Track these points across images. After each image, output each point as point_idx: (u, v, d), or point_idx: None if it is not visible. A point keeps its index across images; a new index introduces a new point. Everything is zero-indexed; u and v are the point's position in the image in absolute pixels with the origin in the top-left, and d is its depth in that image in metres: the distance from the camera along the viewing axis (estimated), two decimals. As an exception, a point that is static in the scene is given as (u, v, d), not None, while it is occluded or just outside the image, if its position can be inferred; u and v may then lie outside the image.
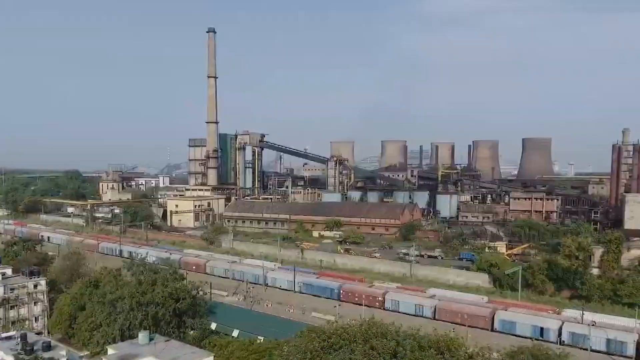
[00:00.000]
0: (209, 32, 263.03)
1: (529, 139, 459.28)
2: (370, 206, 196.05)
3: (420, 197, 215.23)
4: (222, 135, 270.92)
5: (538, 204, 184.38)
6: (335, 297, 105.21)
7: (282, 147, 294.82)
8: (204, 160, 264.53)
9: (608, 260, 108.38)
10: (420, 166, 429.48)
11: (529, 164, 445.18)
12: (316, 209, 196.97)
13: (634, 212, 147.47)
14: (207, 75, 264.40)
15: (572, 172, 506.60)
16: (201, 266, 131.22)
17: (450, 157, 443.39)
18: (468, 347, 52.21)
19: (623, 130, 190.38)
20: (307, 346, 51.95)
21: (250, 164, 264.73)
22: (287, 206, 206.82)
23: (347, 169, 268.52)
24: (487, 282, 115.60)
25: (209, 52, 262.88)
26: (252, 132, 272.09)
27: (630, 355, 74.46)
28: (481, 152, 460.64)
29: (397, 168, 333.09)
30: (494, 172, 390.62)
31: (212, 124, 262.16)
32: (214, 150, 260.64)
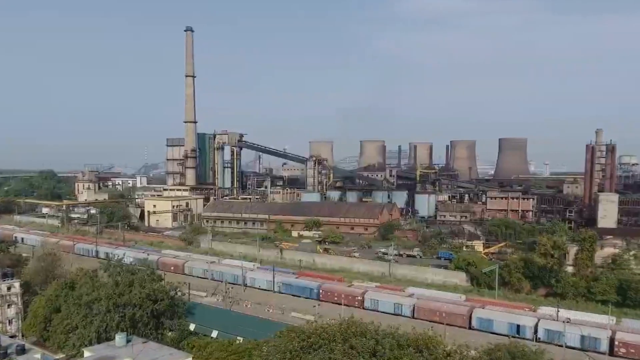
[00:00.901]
0: (187, 31, 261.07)
1: (505, 139, 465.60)
2: (349, 206, 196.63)
3: (399, 197, 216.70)
4: (200, 134, 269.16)
5: (514, 203, 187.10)
6: (315, 296, 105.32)
7: (261, 147, 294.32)
8: (182, 160, 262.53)
9: (582, 258, 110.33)
10: (399, 166, 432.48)
11: (506, 164, 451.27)
12: (295, 209, 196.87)
13: (607, 211, 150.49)
14: (185, 75, 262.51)
15: (547, 171, 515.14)
16: (179, 267, 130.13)
17: (428, 157, 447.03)
18: (446, 345, 52.74)
19: (596, 130, 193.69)
20: (286, 346, 51.90)
21: (229, 164, 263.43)
22: (266, 206, 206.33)
23: (326, 169, 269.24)
24: (465, 280, 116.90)
25: (186, 51, 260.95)
26: (230, 132, 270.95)
27: (603, 351, 76.01)
28: (459, 152, 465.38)
29: (375, 168, 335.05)
30: (471, 171, 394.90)
31: (191, 123, 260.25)
32: (192, 149, 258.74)
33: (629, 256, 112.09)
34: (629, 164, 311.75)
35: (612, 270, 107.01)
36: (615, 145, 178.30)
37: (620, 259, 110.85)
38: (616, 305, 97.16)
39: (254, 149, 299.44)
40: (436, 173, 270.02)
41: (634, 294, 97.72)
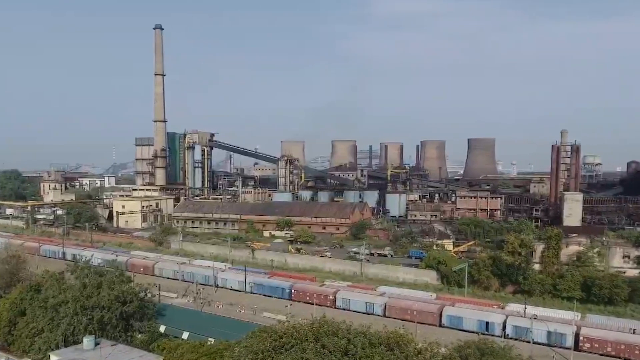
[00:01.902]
0: (156, 29, 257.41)
1: (474, 139, 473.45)
2: (321, 206, 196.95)
3: (370, 197, 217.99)
4: (170, 134, 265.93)
5: (483, 202, 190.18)
6: (287, 296, 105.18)
7: (232, 147, 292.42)
8: (152, 159, 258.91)
9: (548, 256, 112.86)
10: (370, 166, 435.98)
11: (474, 164, 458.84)
12: (267, 209, 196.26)
13: (572, 209, 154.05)
14: (155, 73, 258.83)
15: (514, 171, 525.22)
16: (149, 268, 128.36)
17: (399, 157, 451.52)
18: (417, 342, 53.34)
19: (561, 131, 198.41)
20: (258, 346, 51.67)
21: (200, 164, 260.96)
22: (237, 206, 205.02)
23: (297, 169, 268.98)
24: (435, 279, 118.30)
25: (155, 49, 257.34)
26: (201, 131, 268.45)
27: (569, 347, 77.89)
28: (429, 152, 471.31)
29: (347, 168, 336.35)
30: (441, 171, 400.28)
31: (160, 122, 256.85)
32: (162, 149, 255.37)
33: (592, 253, 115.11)
34: (592, 164, 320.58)
35: (576, 268, 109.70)
36: (579, 146, 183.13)
37: (584, 256, 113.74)
38: (581, 301, 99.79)
39: (225, 148, 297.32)
40: (407, 173, 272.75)
41: (598, 290, 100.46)
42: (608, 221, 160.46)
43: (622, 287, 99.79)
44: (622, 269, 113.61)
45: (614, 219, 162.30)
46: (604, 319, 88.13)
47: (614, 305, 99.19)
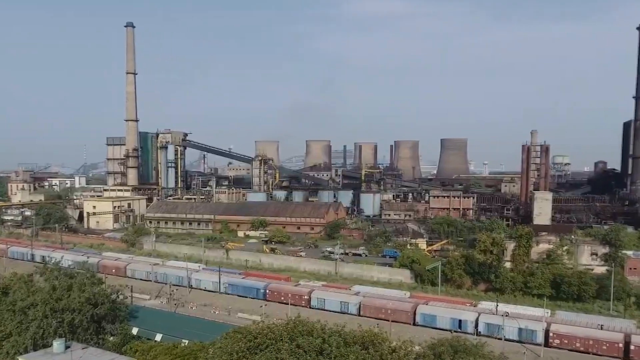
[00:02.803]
0: (127, 27, 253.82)
1: (447, 140, 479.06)
2: (296, 205, 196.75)
3: (345, 196, 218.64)
4: (142, 133, 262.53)
5: (456, 201, 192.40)
6: (262, 297, 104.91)
7: (206, 146, 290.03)
8: (124, 159, 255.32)
9: (519, 254, 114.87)
10: (344, 166, 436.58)
11: (447, 164, 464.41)
12: (241, 209, 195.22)
13: (542, 208, 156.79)
14: (126, 72, 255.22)
15: (486, 171, 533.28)
16: (121, 269, 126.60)
17: (373, 156, 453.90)
18: (391, 341, 53.80)
19: (531, 131, 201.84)
20: (232, 347, 51.42)
21: (173, 164, 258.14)
22: (211, 206, 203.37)
23: (272, 169, 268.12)
24: (409, 277, 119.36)
25: (127, 48, 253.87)
26: (174, 131, 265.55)
27: (539, 343, 79.50)
28: (402, 152, 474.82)
29: (321, 167, 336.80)
30: (414, 171, 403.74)
31: (132, 122, 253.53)
32: (133, 149, 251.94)
33: (562, 251, 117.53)
34: (561, 163, 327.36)
35: (546, 265, 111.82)
36: (548, 146, 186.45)
37: (554, 254, 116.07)
38: (551, 298, 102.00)
39: (199, 148, 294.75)
40: (381, 172, 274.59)
41: (567, 288, 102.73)
42: (576, 220, 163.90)
43: (590, 284, 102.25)
44: (590, 266, 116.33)
45: (582, 217, 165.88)
46: (573, 315, 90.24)
47: (582, 302, 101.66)
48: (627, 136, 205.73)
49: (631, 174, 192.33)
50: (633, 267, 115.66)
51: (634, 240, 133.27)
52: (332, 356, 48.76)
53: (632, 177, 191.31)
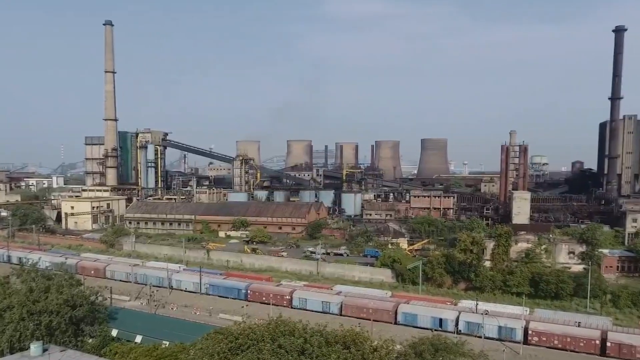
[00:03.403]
0: (106, 25, 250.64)
1: (427, 140, 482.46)
2: (277, 205, 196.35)
3: (326, 196, 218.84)
4: (122, 133, 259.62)
5: (436, 201, 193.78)
6: (243, 297, 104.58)
7: (186, 146, 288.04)
8: (102, 159, 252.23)
9: (498, 253, 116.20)
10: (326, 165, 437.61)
11: (427, 164, 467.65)
12: (222, 209, 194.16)
13: (521, 207, 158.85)
14: (105, 70, 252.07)
15: (466, 171, 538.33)
16: (100, 270, 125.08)
17: (354, 156, 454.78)
18: (373, 340, 53.99)
19: (510, 132, 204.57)
20: (214, 348, 51.18)
21: (153, 163, 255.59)
22: (192, 206, 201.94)
23: (253, 169, 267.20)
24: (391, 277, 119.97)
25: (106, 46, 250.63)
26: (154, 130, 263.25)
27: (518, 340, 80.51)
28: (383, 152, 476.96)
29: (303, 167, 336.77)
30: (395, 171, 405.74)
31: (111, 121, 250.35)
32: (112, 148, 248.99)
33: (540, 250, 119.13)
34: (539, 163, 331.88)
35: (525, 264, 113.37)
36: (527, 146, 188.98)
37: (532, 253, 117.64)
38: (529, 296, 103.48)
39: (179, 147, 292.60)
40: (362, 172, 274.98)
41: (545, 286, 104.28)
42: (554, 219, 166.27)
43: (567, 282, 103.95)
44: (568, 264, 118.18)
45: (559, 216, 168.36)
46: (551, 313, 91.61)
47: (560, 300, 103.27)
48: (603, 136, 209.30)
49: (607, 174, 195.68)
50: (609, 265, 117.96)
51: (610, 238, 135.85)
52: (313, 356, 48.82)
53: (608, 176, 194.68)
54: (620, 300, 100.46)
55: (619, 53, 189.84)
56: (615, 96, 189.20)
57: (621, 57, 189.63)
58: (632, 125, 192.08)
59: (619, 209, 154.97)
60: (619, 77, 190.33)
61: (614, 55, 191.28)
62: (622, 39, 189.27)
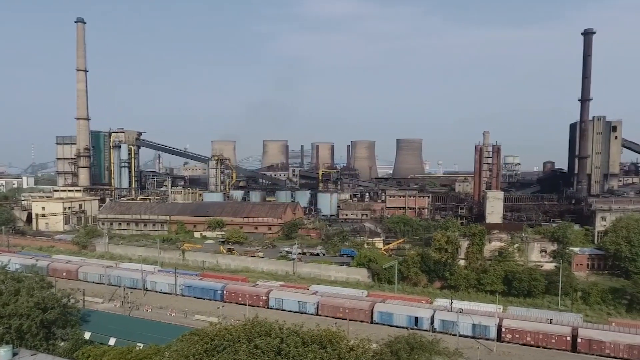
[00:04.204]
0: (78, 23, 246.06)
1: (402, 140, 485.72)
2: (253, 206, 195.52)
3: (302, 196, 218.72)
4: (94, 132, 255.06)
5: (411, 201, 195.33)
6: (219, 298, 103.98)
7: (161, 146, 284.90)
8: (75, 159, 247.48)
9: (473, 252, 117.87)
10: (302, 165, 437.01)
11: (403, 164, 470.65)
12: (198, 209, 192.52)
13: (494, 207, 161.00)
14: (76, 69, 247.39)
15: (441, 170, 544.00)
16: (72, 272, 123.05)
17: (330, 156, 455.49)
18: (349, 340, 54.20)
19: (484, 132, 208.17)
20: (189, 350, 50.72)
21: (127, 163, 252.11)
22: (166, 207, 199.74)
23: (228, 169, 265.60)
24: (367, 276, 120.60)
25: (77, 44, 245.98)
26: (127, 130, 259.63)
27: (492, 338, 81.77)
28: (359, 152, 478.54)
29: (279, 167, 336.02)
30: (371, 171, 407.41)
31: (83, 120, 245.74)
32: (85, 148, 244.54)
33: (513, 249, 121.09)
34: (512, 163, 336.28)
35: (499, 262, 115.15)
36: (500, 147, 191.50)
37: (505, 252, 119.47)
38: (503, 294, 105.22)
39: (153, 147, 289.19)
40: (338, 172, 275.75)
41: (518, 284, 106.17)
42: (526, 218, 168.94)
43: (539, 280, 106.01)
44: (540, 262, 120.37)
45: (531, 215, 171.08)
46: (524, 310, 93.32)
47: (532, 297, 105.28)
48: (573, 137, 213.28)
49: (577, 174, 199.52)
50: (579, 263, 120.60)
51: (580, 237, 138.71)
52: (290, 356, 48.78)
53: (578, 176, 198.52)
54: (590, 297, 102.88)
55: (588, 55, 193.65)
56: (585, 97, 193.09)
57: (590, 59, 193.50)
58: (601, 126, 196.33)
59: (589, 208, 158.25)
60: (588, 78, 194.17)
61: (583, 57, 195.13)
62: (591, 42, 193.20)
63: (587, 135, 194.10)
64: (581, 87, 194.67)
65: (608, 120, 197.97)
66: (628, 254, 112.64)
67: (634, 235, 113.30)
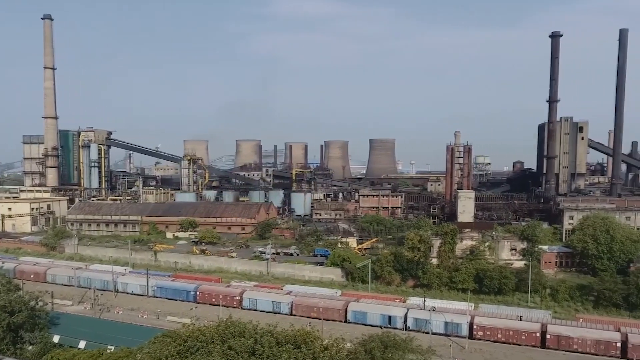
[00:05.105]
0: (45, 19, 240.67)
1: (375, 140, 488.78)
2: (226, 206, 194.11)
3: (276, 196, 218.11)
4: (63, 131, 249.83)
5: (385, 200, 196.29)
6: (192, 299, 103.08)
7: (131, 145, 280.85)
8: (42, 158, 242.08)
9: (445, 250, 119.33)
10: (275, 165, 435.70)
11: (376, 163, 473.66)
12: (170, 210, 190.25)
13: (465, 206, 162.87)
14: (44, 66, 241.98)
15: (413, 170, 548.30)
16: (41, 274, 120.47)
17: (303, 156, 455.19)
18: (323, 339, 54.39)
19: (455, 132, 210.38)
20: (161, 352, 50.24)
21: (96, 163, 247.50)
22: (138, 207, 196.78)
23: (201, 168, 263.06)
24: (341, 276, 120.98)
25: (45, 41, 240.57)
26: (97, 129, 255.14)
27: (464, 335, 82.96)
28: (332, 151, 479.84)
29: (252, 167, 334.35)
30: (344, 170, 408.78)
31: (51, 119, 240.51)
32: (53, 147, 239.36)
33: (484, 247, 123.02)
34: (483, 163, 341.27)
35: (470, 261, 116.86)
36: (471, 147, 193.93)
37: (477, 250, 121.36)
38: (474, 292, 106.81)
39: (124, 147, 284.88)
40: (311, 172, 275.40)
41: (489, 282, 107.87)
42: (497, 217, 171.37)
43: (510, 277, 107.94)
44: (510, 260, 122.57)
45: (502, 214, 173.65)
46: (495, 308, 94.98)
47: (503, 295, 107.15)
48: (541, 137, 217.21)
49: (546, 173, 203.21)
50: (548, 260, 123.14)
51: (549, 235, 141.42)
52: (264, 356, 48.71)
53: (546, 176, 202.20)
54: (558, 294, 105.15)
55: (555, 57, 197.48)
56: (553, 99, 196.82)
57: (557, 61, 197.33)
58: (568, 127, 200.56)
59: (557, 206, 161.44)
60: (555, 80, 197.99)
61: (550, 59, 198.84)
62: (558, 44, 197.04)
63: (554, 136, 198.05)
64: (549, 89, 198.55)
65: (575, 121, 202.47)
66: (594, 251, 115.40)
67: (600, 233, 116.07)
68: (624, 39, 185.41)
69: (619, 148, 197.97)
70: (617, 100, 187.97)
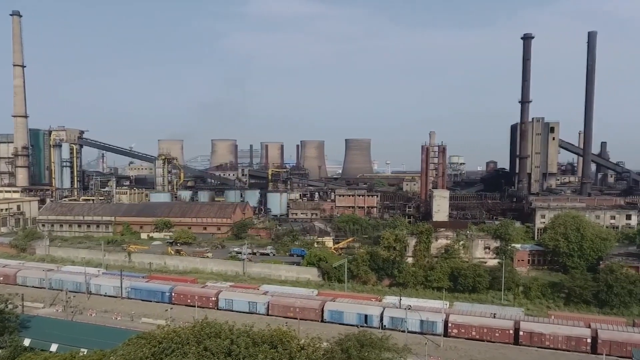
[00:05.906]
0: (13, 16, 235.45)
1: (351, 140, 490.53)
2: (201, 206, 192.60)
3: (252, 196, 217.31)
4: (33, 130, 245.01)
5: (360, 200, 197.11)
6: (167, 300, 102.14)
7: (105, 145, 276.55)
8: (12, 158, 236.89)
9: (420, 249, 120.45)
10: (251, 165, 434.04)
11: (352, 163, 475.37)
12: (144, 210, 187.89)
13: (440, 205, 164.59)
14: (13, 64, 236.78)
15: (389, 170, 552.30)
16: (10, 277, 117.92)
17: (279, 156, 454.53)
18: (300, 339, 54.39)
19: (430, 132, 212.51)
20: (136, 354, 49.57)
21: (68, 163, 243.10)
22: (111, 207, 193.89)
23: (176, 168, 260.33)
24: (317, 275, 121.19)
25: (14, 38, 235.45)
26: (69, 128, 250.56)
27: (439, 333, 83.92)
28: (308, 151, 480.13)
29: (228, 167, 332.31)
30: (320, 170, 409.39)
31: (21, 117, 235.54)
32: (23, 147, 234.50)
33: (458, 246, 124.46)
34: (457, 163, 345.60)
35: (445, 260, 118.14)
36: (445, 147, 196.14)
37: (451, 249, 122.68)
38: (449, 290, 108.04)
39: (96, 146, 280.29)
40: (287, 172, 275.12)
41: (464, 280, 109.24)
42: (471, 216, 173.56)
43: (483, 276, 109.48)
44: (484, 259, 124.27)
45: (476, 214, 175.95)
46: (469, 305, 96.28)
47: (477, 293, 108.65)
48: (514, 138, 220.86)
49: (518, 173, 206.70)
50: (521, 259, 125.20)
51: (522, 234, 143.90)
52: (240, 357, 48.48)
53: (519, 175, 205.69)
54: (531, 291, 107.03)
55: (527, 59, 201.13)
56: (525, 100, 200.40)
57: (529, 62, 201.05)
58: (540, 127, 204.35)
59: (529, 206, 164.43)
60: (527, 81, 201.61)
61: (522, 61, 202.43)
62: (530, 46, 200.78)
63: (526, 136, 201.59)
64: (521, 90, 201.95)
65: (546, 122, 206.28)
66: (565, 249, 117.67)
67: (571, 231, 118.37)
68: (593, 42, 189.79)
69: (589, 148, 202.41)
70: (587, 101, 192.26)
